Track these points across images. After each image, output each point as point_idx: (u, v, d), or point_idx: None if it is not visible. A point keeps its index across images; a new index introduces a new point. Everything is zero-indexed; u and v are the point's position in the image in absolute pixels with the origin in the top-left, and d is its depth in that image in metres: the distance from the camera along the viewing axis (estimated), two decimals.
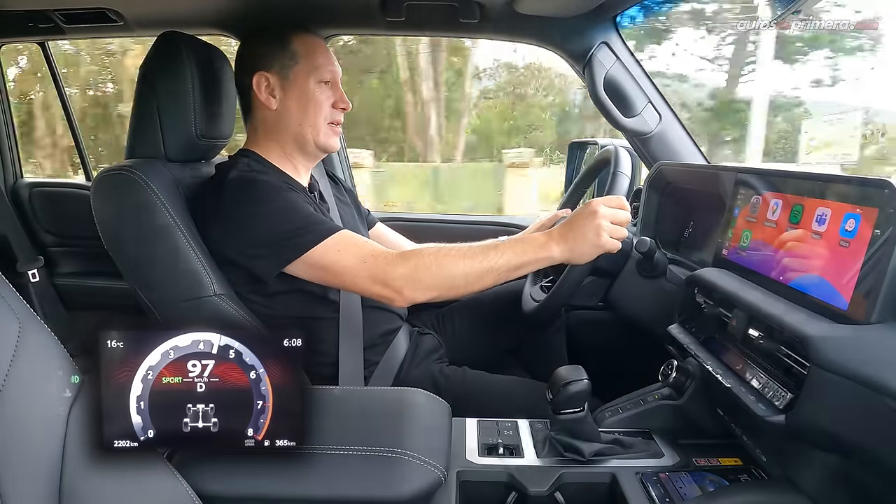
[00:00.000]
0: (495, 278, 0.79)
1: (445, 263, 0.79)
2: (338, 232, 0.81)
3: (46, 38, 1.45)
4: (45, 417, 0.40)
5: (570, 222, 0.79)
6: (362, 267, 0.79)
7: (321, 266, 0.80)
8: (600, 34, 1.07)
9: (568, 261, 0.81)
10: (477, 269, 0.78)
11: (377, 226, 1.19)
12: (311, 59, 0.90)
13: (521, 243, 0.80)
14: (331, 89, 0.92)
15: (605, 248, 0.78)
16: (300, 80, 0.90)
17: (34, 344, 0.42)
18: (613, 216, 0.78)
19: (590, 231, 0.77)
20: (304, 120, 0.91)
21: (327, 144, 0.94)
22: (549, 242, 0.79)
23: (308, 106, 0.91)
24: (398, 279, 0.78)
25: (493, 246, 0.80)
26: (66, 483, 0.39)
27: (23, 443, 0.38)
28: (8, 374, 0.38)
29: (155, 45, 0.87)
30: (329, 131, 0.93)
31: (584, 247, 0.78)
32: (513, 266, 0.79)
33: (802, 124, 3.47)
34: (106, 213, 0.83)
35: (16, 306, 0.42)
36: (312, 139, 0.92)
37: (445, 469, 0.63)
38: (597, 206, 0.78)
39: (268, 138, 0.93)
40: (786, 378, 0.53)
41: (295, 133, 0.92)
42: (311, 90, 0.90)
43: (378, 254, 0.80)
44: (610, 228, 0.77)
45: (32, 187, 1.59)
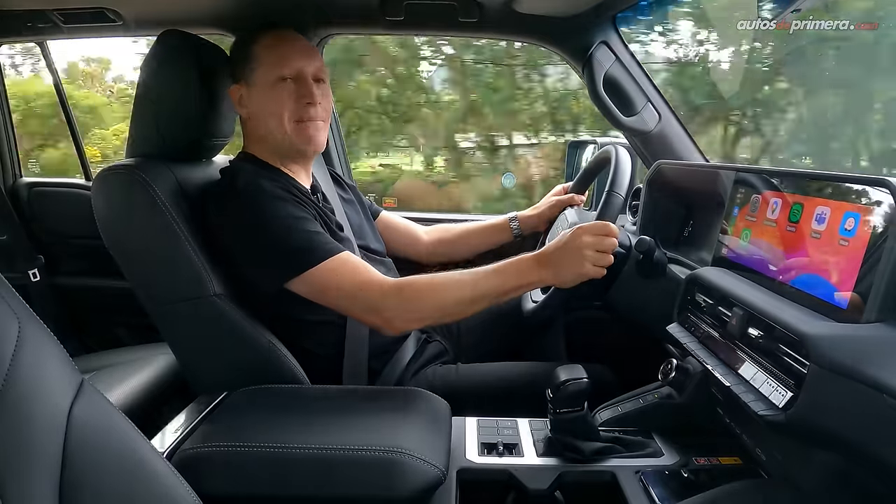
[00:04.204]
0: (486, 304, 0.81)
1: (438, 294, 0.81)
2: (337, 255, 0.81)
3: (45, 37, 1.44)
4: (46, 417, 0.40)
5: (556, 248, 0.80)
6: (357, 294, 0.80)
7: (318, 287, 0.81)
8: (599, 33, 1.07)
9: (554, 284, 0.84)
10: (468, 297, 0.80)
11: (382, 214, 1.19)
12: (269, 57, 0.87)
13: (510, 269, 0.81)
14: (294, 83, 0.87)
15: (588, 275, 0.79)
16: (261, 82, 0.87)
17: (34, 344, 0.42)
18: (598, 244, 0.79)
19: (574, 259, 0.78)
20: (270, 122, 0.88)
21: (300, 142, 0.89)
22: (537, 267, 0.81)
23: (269, 106, 0.87)
24: (390, 310, 0.80)
25: (483, 273, 0.81)
26: (67, 483, 0.39)
27: (23, 443, 0.38)
28: (8, 374, 0.38)
29: (155, 43, 0.87)
30: (298, 128, 0.88)
31: (567, 274, 0.79)
32: (503, 292, 0.81)
33: None
34: (106, 212, 0.83)
35: (16, 306, 0.42)
36: (285, 141, 0.89)
37: (445, 468, 0.64)
38: (582, 235, 0.79)
39: (259, 144, 0.92)
40: (785, 377, 0.53)
41: (270, 138, 0.89)
42: (270, 89, 0.87)
43: (374, 283, 0.81)
44: (593, 257, 0.78)
45: (32, 187, 1.59)
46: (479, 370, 1.00)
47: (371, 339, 0.93)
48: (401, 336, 1.00)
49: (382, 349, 0.96)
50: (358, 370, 0.92)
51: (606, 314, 1.16)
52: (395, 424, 0.68)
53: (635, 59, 1.11)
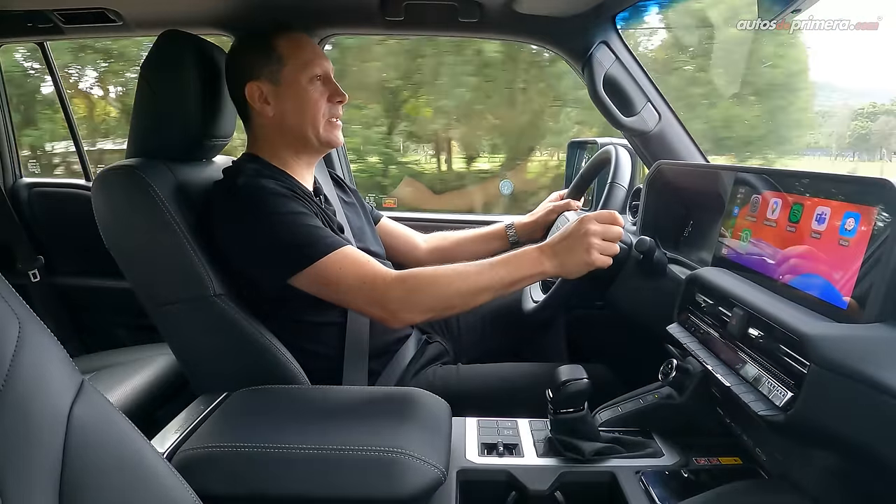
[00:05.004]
0: (490, 296, 0.81)
1: (441, 284, 0.80)
2: (341, 248, 0.81)
3: (45, 38, 1.45)
4: (46, 418, 0.40)
5: (562, 237, 0.80)
6: (361, 287, 0.80)
7: (321, 281, 0.81)
8: (599, 33, 1.07)
9: (559, 275, 0.83)
10: (472, 289, 0.79)
11: (383, 220, 1.20)
12: (297, 58, 0.89)
13: (514, 260, 0.81)
14: (324, 84, 0.92)
15: (595, 264, 0.78)
16: (291, 81, 0.89)
17: (34, 344, 0.42)
18: (605, 232, 0.78)
19: (580, 248, 0.78)
20: (303, 121, 0.91)
21: (329, 140, 0.93)
22: (542, 258, 0.80)
23: (304, 106, 0.90)
24: (394, 302, 0.79)
25: (488, 264, 0.81)
26: (67, 483, 0.39)
27: (23, 443, 0.38)
28: (8, 375, 0.38)
29: (156, 43, 0.87)
30: (329, 126, 0.93)
31: (573, 263, 0.79)
32: (507, 283, 0.80)
33: None
34: (107, 212, 0.83)
35: (16, 306, 0.42)
36: (314, 137, 0.92)
37: (445, 468, 0.64)
38: (588, 223, 0.78)
39: (270, 143, 0.93)
40: (785, 377, 0.53)
41: (296, 135, 0.92)
42: (303, 90, 0.89)
43: (377, 275, 0.80)
44: (600, 245, 0.78)
45: (32, 187, 1.59)
46: (479, 371, 1.00)
47: (371, 339, 0.93)
48: (401, 336, 1.00)
49: (383, 350, 0.96)
50: (358, 371, 0.92)
51: (606, 314, 1.16)
52: (395, 425, 0.68)
53: (635, 59, 1.11)
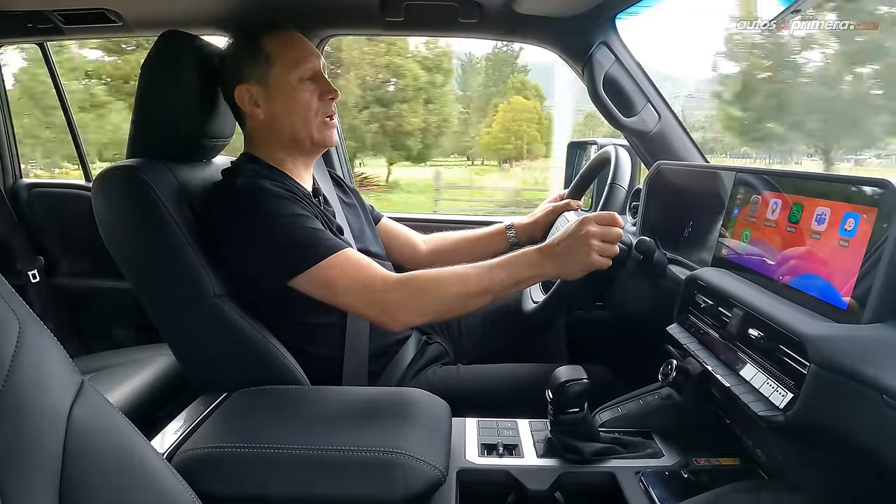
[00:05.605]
0: (491, 298, 0.81)
1: (441, 288, 0.80)
2: (340, 251, 0.81)
3: (45, 38, 1.44)
4: (46, 418, 0.40)
5: (562, 239, 0.80)
6: (360, 290, 0.80)
7: (321, 284, 0.81)
8: (599, 34, 1.07)
9: (559, 277, 0.83)
10: (472, 291, 0.79)
11: (383, 220, 1.20)
12: (286, 57, 0.88)
13: (514, 262, 0.81)
14: (314, 82, 0.90)
15: (595, 266, 0.78)
16: (280, 82, 0.88)
17: (34, 345, 0.41)
18: (604, 234, 0.78)
19: (579, 249, 0.78)
20: (295, 121, 0.90)
21: (323, 139, 0.92)
22: (542, 260, 0.80)
23: (295, 107, 0.89)
24: (394, 305, 0.79)
25: (488, 267, 0.81)
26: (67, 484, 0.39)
27: (23, 443, 0.38)
28: (8, 375, 0.38)
29: (156, 44, 0.87)
30: (323, 126, 0.92)
31: (573, 265, 0.79)
32: (507, 285, 0.80)
33: None
34: (107, 213, 0.83)
35: (16, 307, 0.42)
36: (308, 139, 0.91)
37: (445, 469, 0.64)
38: (587, 224, 0.78)
39: (265, 145, 0.93)
40: (785, 377, 0.53)
41: (289, 136, 0.91)
42: (294, 91, 0.88)
43: (377, 278, 0.80)
44: (600, 247, 0.78)
45: (31, 188, 1.59)
46: (479, 371, 0.99)
47: (371, 340, 0.93)
48: (401, 338, 0.99)
49: (383, 351, 0.95)
50: (358, 372, 0.92)
51: (606, 314, 1.15)
52: (395, 425, 0.68)
53: (635, 60, 1.11)
